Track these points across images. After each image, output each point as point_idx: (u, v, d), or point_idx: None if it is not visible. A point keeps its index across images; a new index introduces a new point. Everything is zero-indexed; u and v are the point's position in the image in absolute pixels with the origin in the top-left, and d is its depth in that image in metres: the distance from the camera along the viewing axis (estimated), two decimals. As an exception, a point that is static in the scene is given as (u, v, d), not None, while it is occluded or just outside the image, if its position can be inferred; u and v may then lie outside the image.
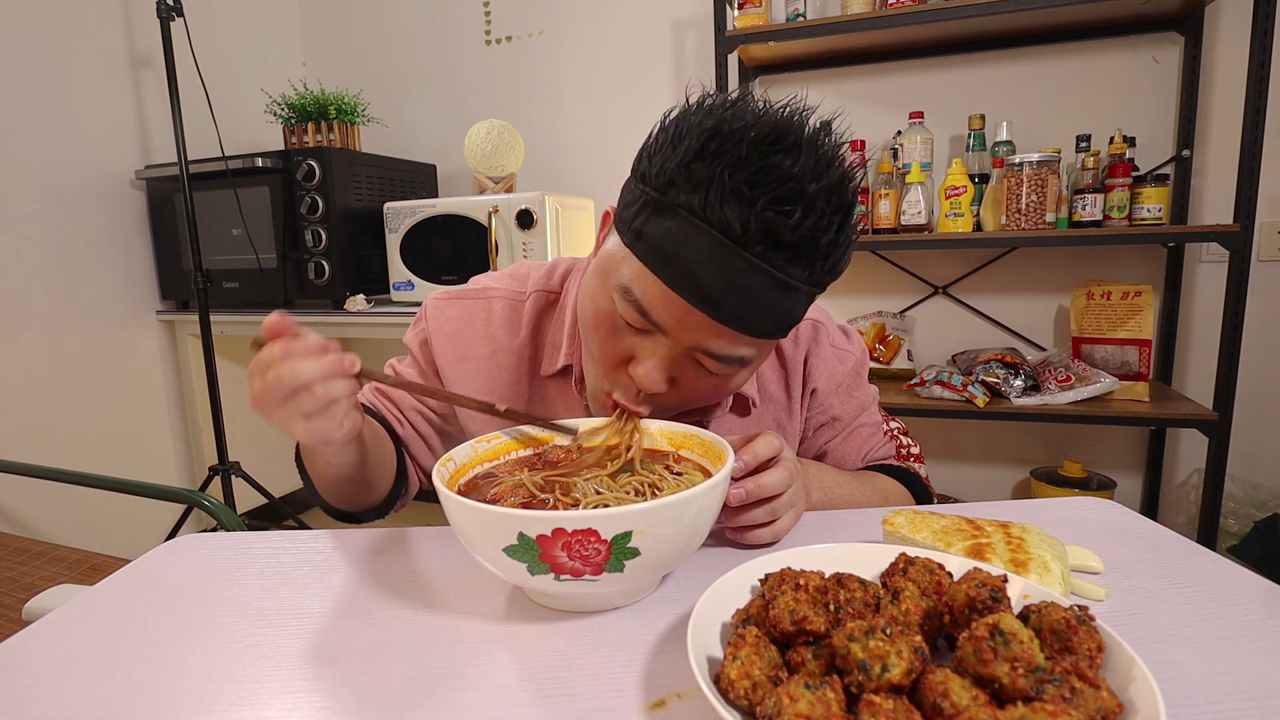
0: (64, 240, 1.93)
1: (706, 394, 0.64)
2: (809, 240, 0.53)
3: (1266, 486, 1.84)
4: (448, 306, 0.79)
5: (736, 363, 0.60)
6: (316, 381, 0.50)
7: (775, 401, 0.80)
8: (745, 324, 0.56)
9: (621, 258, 0.59)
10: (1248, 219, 1.55)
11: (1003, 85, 1.96)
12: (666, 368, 0.60)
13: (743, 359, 0.60)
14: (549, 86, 2.39)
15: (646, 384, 0.60)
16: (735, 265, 0.53)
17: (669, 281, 0.55)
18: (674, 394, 0.63)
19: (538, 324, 0.78)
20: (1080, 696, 0.32)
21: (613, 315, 0.61)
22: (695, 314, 0.56)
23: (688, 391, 0.63)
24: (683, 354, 0.60)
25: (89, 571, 1.13)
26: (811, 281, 0.56)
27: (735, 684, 0.36)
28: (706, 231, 0.53)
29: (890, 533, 0.58)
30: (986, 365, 1.82)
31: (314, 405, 0.51)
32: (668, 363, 0.60)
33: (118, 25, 2.04)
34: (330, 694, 0.43)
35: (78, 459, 1.93)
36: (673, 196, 0.54)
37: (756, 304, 0.55)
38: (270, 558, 0.62)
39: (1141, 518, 0.66)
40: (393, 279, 2.06)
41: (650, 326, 0.59)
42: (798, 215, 0.51)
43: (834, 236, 0.54)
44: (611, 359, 0.62)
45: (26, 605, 0.76)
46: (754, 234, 0.52)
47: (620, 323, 0.61)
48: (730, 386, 0.64)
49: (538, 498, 0.54)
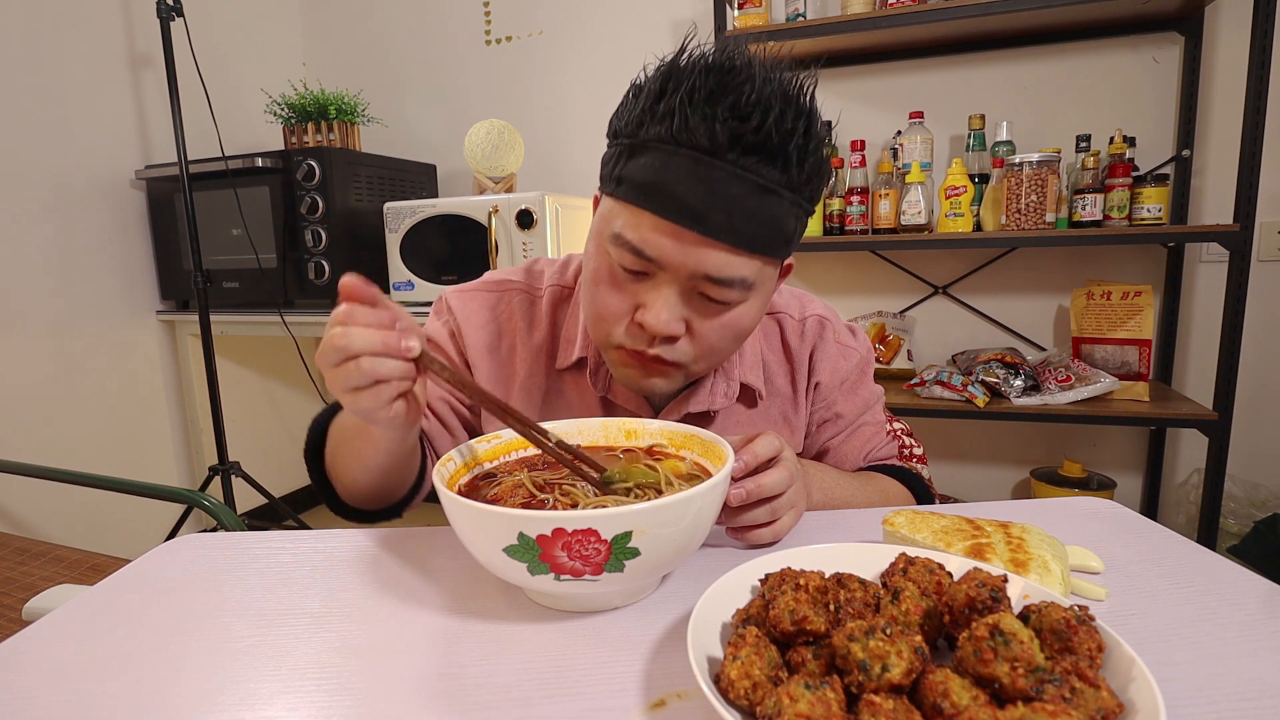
0: (64, 240, 1.93)
1: (720, 337, 0.64)
2: (775, 141, 0.55)
3: (1266, 486, 1.84)
4: (471, 299, 0.80)
5: (739, 286, 0.60)
6: (365, 355, 0.49)
7: (782, 395, 0.81)
8: (735, 234, 0.57)
9: (609, 212, 0.62)
10: (1248, 219, 1.55)
11: (1003, 85, 1.96)
12: (673, 306, 0.60)
13: (744, 281, 0.60)
14: (549, 86, 2.39)
15: (657, 326, 0.60)
16: (713, 177, 0.56)
17: (654, 209, 0.57)
18: (688, 343, 0.63)
19: (554, 319, 0.78)
20: (1080, 696, 0.32)
21: (611, 269, 0.62)
22: (686, 235, 0.57)
23: (700, 335, 0.63)
24: (685, 288, 0.60)
25: (89, 571, 1.13)
26: (791, 187, 0.58)
27: (735, 684, 0.36)
28: (679, 153, 0.56)
29: (890, 533, 0.58)
30: (986, 365, 1.82)
31: (360, 379, 0.50)
32: (673, 300, 0.60)
33: (118, 25, 2.04)
34: (330, 694, 0.43)
35: (78, 459, 1.93)
36: (643, 136, 0.58)
37: (741, 212, 0.57)
38: (270, 558, 0.62)
39: (1141, 518, 0.65)
40: (393, 279, 2.06)
41: (648, 266, 0.60)
42: (757, 118, 0.54)
43: (802, 141, 0.57)
44: (618, 312, 0.63)
45: (26, 605, 0.75)
46: (722, 143, 0.55)
47: (620, 274, 0.62)
48: (742, 325, 0.64)
49: (537, 498, 0.54)
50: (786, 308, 0.82)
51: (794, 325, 0.81)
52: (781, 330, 0.82)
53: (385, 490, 0.70)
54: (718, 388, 0.76)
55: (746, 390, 0.78)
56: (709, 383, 0.75)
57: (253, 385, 2.45)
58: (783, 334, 0.82)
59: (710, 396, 0.75)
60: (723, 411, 0.77)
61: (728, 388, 0.76)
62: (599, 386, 0.75)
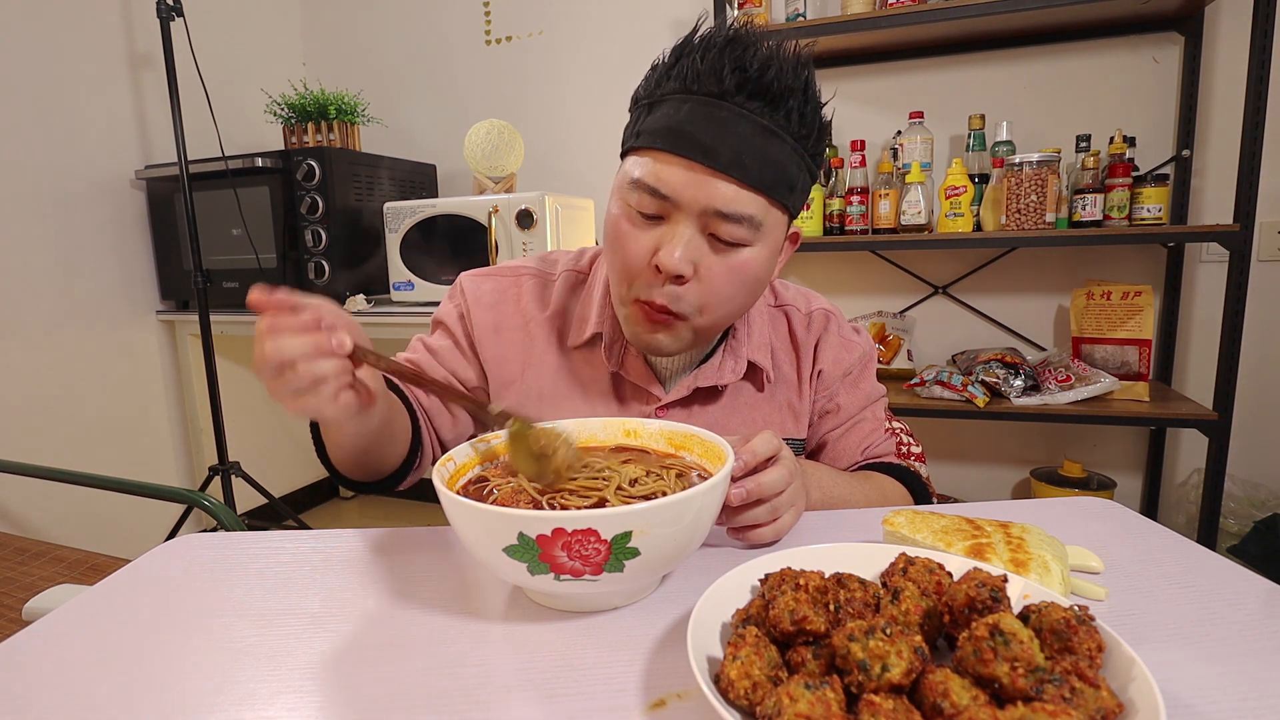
0: (64, 240, 1.93)
1: (727, 281, 0.67)
2: (777, 90, 0.62)
3: (1266, 486, 1.84)
4: (483, 282, 0.83)
5: (747, 223, 0.64)
6: (299, 360, 0.51)
7: (788, 382, 0.83)
8: (743, 170, 0.62)
9: (628, 167, 0.67)
10: (1248, 219, 1.55)
11: (1003, 85, 1.96)
12: (685, 244, 0.64)
13: (752, 220, 0.64)
14: (549, 86, 2.39)
15: (669, 262, 0.63)
16: (721, 116, 0.62)
17: (668, 148, 0.63)
18: (695, 289, 0.66)
19: (567, 299, 0.82)
20: (1080, 696, 0.32)
21: (630, 216, 0.67)
22: (697, 168, 0.62)
23: (709, 279, 0.66)
24: (696, 228, 0.64)
25: (89, 571, 1.13)
26: (794, 135, 0.63)
27: (735, 684, 0.36)
28: (692, 99, 0.63)
29: (890, 533, 0.58)
30: (986, 365, 1.82)
31: (301, 383, 0.51)
32: (685, 238, 0.64)
33: (118, 25, 2.04)
34: (330, 694, 0.43)
35: (78, 459, 1.93)
36: (659, 93, 0.65)
37: (749, 149, 0.62)
38: (270, 558, 0.62)
39: (1141, 518, 0.66)
40: (393, 279, 2.06)
41: (663, 206, 0.64)
42: (758, 67, 0.61)
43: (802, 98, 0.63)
44: (637, 259, 0.67)
45: (26, 605, 0.76)
46: (730, 88, 0.61)
47: (637, 220, 0.66)
48: (748, 270, 0.67)
49: (537, 501, 0.54)
50: (794, 301, 0.86)
51: (800, 317, 0.85)
52: (789, 321, 0.85)
53: (370, 466, 0.73)
54: (726, 364, 0.78)
55: (754, 370, 0.80)
56: (718, 359, 0.79)
57: (253, 385, 2.45)
58: (790, 324, 0.85)
59: (719, 371, 0.78)
60: (731, 389, 0.80)
61: (735, 364, 0.79)
62: (613, 361, 0.78)
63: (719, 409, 0.80)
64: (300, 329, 0.51)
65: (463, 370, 0.82)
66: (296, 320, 0.51)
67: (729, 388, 0.80)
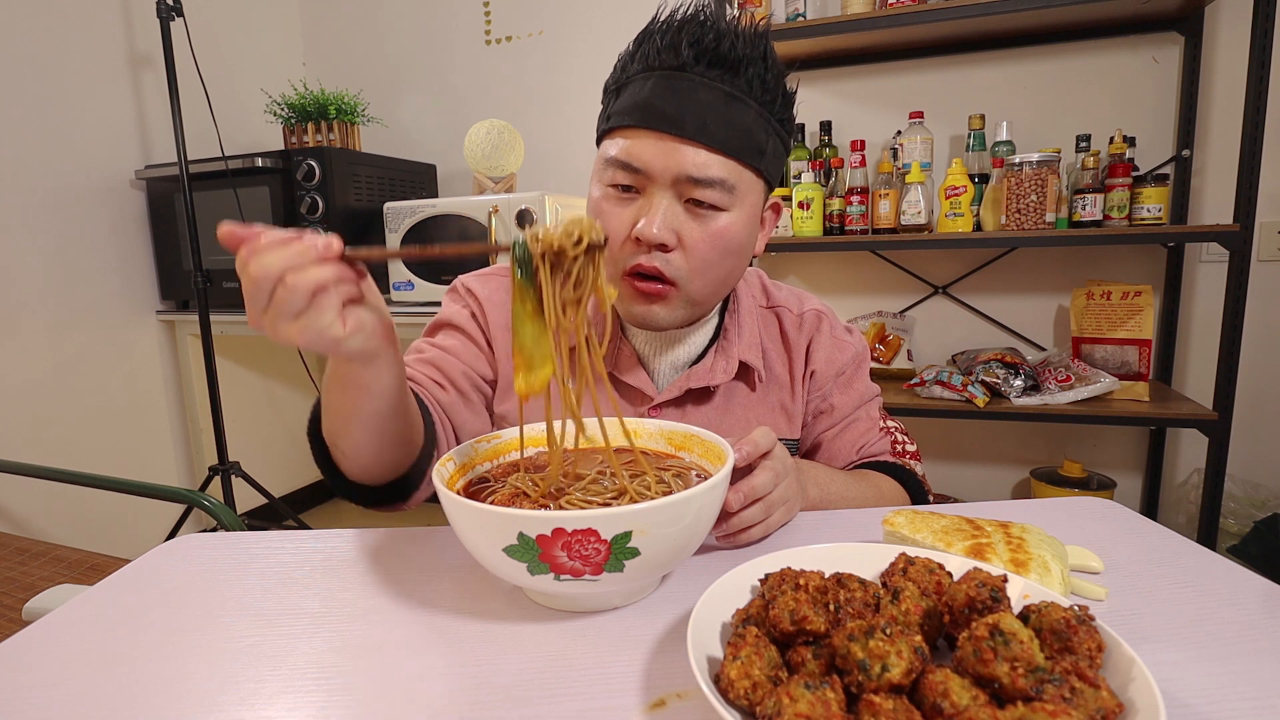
0: (64, 240, 1.93)
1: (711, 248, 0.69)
2: (734, 57, 0.64)
3: (1266, 486, 1.84)
4: (487, 281, 0.84)
5: (719, 187, 0.66)
6: (288, 272, 0.45)
7: (780, 383, 0.84)
8: (709, 135, 0.65)
9: (602, 151, 0.71)
10: (1248, 219, 1.55)
11: (1003, 85, 1.96)
12: (663, 212, 0.66)
13: (724, 183, 0.66)
14: (549, 86, 2.39)
15: (648, 232, 0.66)
16: (683, 87, 0.65)
17: (636, 123, 0.66)
18: (681, 256, 0.68)
19: None
20: (1080, 696, 0.32)
21: (607, 194, 0.70)
22: (665, 138, 0.65)
23: (692, 247, 0.68)
24: (671, 196, 0.67)
25: (89, 571, 1.13)
26: (758, 100, 0.66)
27: (735, 684, 0.36)
28: (654, 74, 0.66)
29: (890, 533, 0.58)
30: (986, 365, 1.82)
31: (295, 299, 0.46)
32: (663, 207, 0.66)
33: (118, 25, 2.04)
34: (330, 694, 0.43)
35: (78, 459, 1.93)
36: (625, 77, 0.69)
37: (713, 115, 0.65)
38: (270, 558, 0.62)
39: (1141, 518, 0.66)
40: (393, 279, 2.05)
41: (636, 179, 0.67)
42: (713, 36, 0.64)
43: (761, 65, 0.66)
44: (618, 234, 0.69)
45: (26, 605, 0.76)
46: (688, 59, 0.65)
47: (615, 196, 0.69)
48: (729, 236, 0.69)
49: (538, 501, 0.54)
50: (786, 302, 0.86)
51: (792, 318, 0.85)
52: (780, 322, 0.85)
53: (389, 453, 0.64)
54: (717, 364, 0.79)
55: (746, 369, 0.80)
56: (709, 360, 0.79)
57: (253, 385, 2.45)
58: (781, 325, 0.85)
59: (710, 372, 0.78)
60: (724, 390, 0.80)
61: (727, 364, 0.79)
62: (607, 362, 0.78)
63: (711, 409, 0.80)
64: (282, 241, 0.46)
65: (481, 367, 0.81)
66: (274, 236, 0.46)
67: (721, 388, 0.80)
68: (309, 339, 0.48)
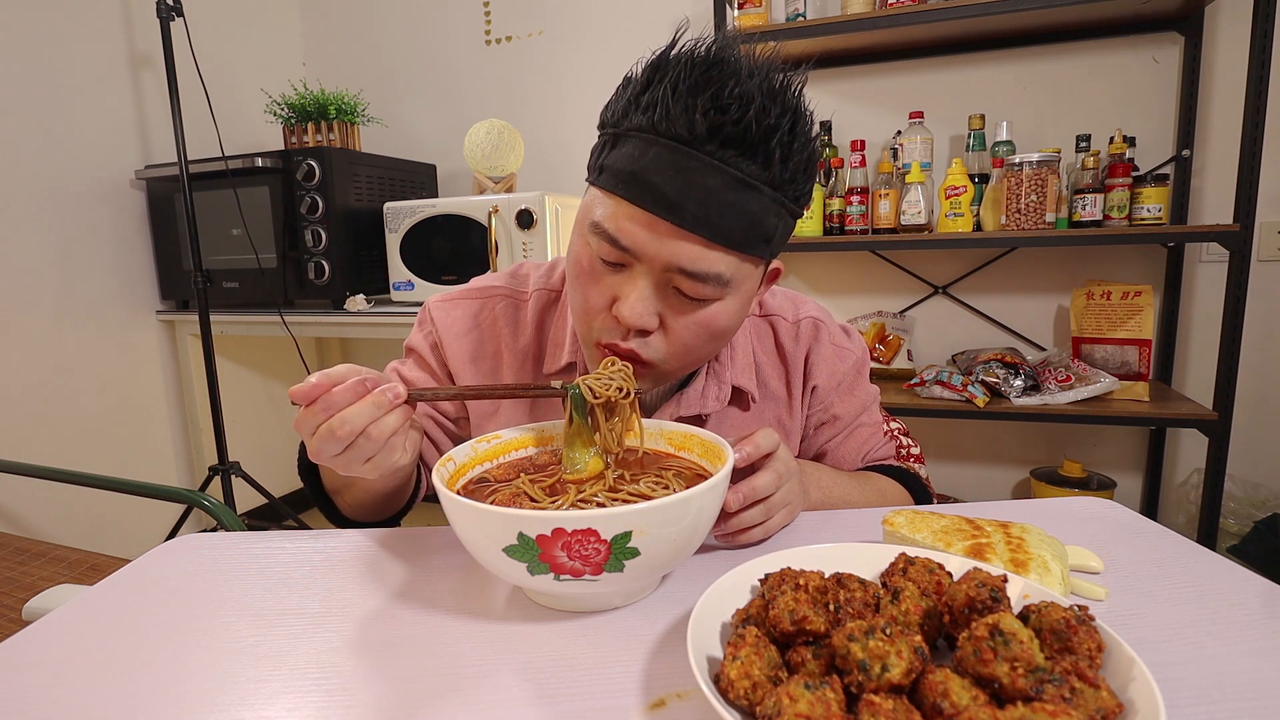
0: (64, 240, 1.93)
1: (694, 335, 0.62)
2: (755, 135, 0.54)
3: (1266, 486, 1.84)
4: (452, 308, 0.79)
5: (713, 282, 0.58)
6: (371, 425, 0.52)
7: (776, 399, 0.80)
8: (711, 228, 0.56)
9: (590, 201, 0.61)
10: (1248, 219, 1.55)
11: (1003, 85, 1.96)
12: (647, 298, 0.59)
13: (719, 277, 0.58)
14: (549, 86, 2.39)
15: (630, 317, 0.59)
16: (690, 167, 0.54)
17: (630, 197, 0.57)
18: (661, 340, 0.62)
19: (541, 323, 0.78)
20: (1080, 696, 0.32)
21: (591, 259, 0.61)
22: (660, 224, 0.56)
23: (674, 332, 0.61)
24: (660, 280, 0.59)
25: (89, 571, 1.13)
26: (772, 184, 0.56)
27: (735, 684, 0.36)
28: (659, 142, 0.55)
29: (890, 533, 0.58)
30: (986, 365, 1.82)
31: (373, 449, 0.52)
32: (647, 293, 0.59)
33: (118, 25, 2.04)
34: (330, 694, 0.43)
35: (78, 459, 1.93)
36: (626, 125, 0.57)
37: (718, 204, 0.55)
38: (270, 558, 0.62)
39: (1141, 518, 0.66)
40: (393, 279, 2.06)
41: (623, 256, 0.59)
42: (736, 110, 0.53)
43: (786, 139, 0.55)
44: (596, 304, 0.62)
45: (26, 605, 0.75)
46: (701, 134, 0.54)
47: (599, 265, 0.61)
48: (718, 324, 0.62)
49: (538, 502, 0.54)
50: (780, 310, 0.81)
51: (788, 328, 0.80)
52: (775, 333, 0.80)
53: (391, 506, 0.74)
54: (709, 391, 0.74)
55: (739, 393, 0.77)
56: (700, 385, 0.74)
57: (253, 385, 2.45)
58: (776, 336, 0.80)
59: (701, 400, 0.74)
60: (715, 415, 0.76)
61: (719, 391, 0.75)
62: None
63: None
64: (355, 395, 0.51)
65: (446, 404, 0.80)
66: (346, 389, 0.51)
67: (711, 415, 0.76)
68: (380, 473, 0.55)
